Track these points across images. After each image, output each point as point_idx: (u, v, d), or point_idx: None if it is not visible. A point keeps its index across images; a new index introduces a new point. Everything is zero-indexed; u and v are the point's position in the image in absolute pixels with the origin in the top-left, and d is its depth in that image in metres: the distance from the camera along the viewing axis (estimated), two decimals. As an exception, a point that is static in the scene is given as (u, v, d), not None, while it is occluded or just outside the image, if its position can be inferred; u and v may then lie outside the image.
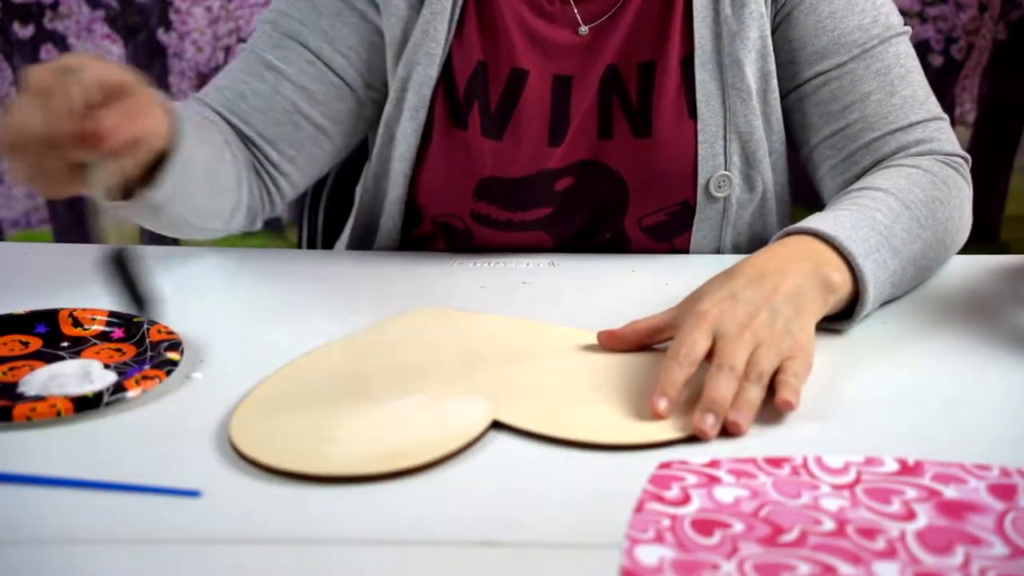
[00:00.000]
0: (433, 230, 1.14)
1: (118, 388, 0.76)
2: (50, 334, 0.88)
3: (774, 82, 1.06)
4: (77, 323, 0.88)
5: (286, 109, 1.07)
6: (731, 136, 1.05)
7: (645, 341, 0.84)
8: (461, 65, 1.06)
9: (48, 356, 0.85)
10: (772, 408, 0.76)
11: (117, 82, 0.73)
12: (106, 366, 0.81)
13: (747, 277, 0.82)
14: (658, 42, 1.05)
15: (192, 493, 0.66)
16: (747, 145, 1.06)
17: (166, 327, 0.86)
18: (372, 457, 0.69)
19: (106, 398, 0.75)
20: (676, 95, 1.05)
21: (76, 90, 0.70)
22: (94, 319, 0.88)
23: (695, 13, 1.04)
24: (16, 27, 2.08)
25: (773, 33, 1.06)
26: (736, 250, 1.11)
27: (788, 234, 0.89)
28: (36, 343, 0.87)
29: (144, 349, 0.84)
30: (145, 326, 0.86)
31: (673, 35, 1.04)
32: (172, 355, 0.81)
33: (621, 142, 1.06)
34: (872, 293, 0.87)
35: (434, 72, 1.06)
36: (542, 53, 1.06)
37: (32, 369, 0.81)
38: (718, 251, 1.10)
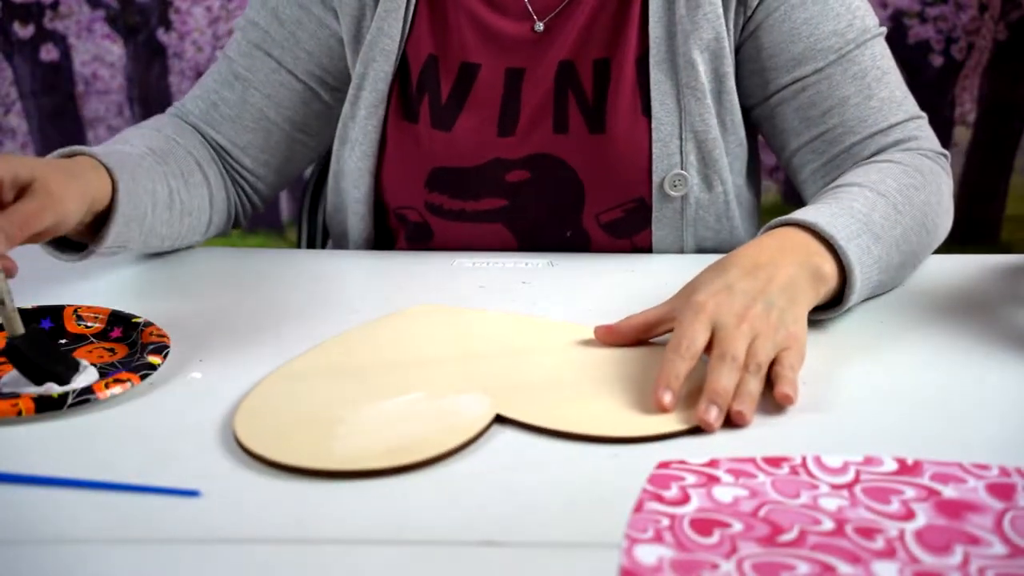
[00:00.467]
0: (396, 224, 1.14)
1: (86, 390, 0.76)
2: (53, 330, 0.88)
3: (730, 83, 1.06)
4: (80, 319, 0.88)
5: (255, 117, 1.11)
6: (687, 135, 1.06)
7: (642, 336, 0.85)
8: (414, 60, 1.08)
9: None
10: (772, 407, 0.76)
11: (23, 179, 0.78)
12: (94, 365, 0.81)
13: (741, 268, 0.83)
14: (613, 39, 1.06)
15: (192, 493, 0.66)
16: (703, 144, 1.07)
17: (159, 329, 0.85)
18: (377, 453, 0.69)
19: (71, 399, 0.75)
20: (631, 93, 1.06)
21: None
22: (96, 317, 0.88)
23: (650, 12, 1.05)
24: (16, 27, 2.08)
25: (746, 40, 1.06)
26: (701, 251, 1.12)
27: (772, 227, 0.91)
28: None
29: (135, 351, 0.84)
30: (140, 327, 0.86)
31: (628, 33, 1.05)
32: (153, 359, 0.80)
33: (576, 137, 1.07)
34: (859, 277, 0.88)
35: (390, 68, 1.08)
36: (494, 46, 1.07)
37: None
38: (681, 251, 1.11)
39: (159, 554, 0.60)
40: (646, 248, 1.11)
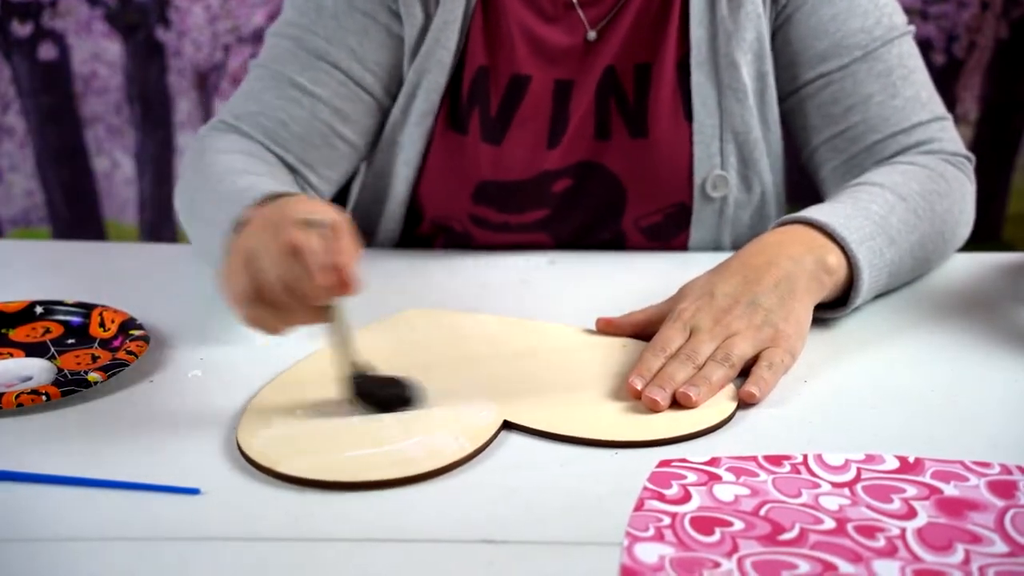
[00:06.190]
0: (433, 231, 1.14)
1: None
2: (81, 327, 0.89)
3: (771, 81, 1.06)
4: (103, 324, 0.88)
5: (323, 133, 1.05)
6: (727, 136, 1.05)
7: (637, 331, 0.87)
8: (467, 71, 1.06)
9: (35, 349, 0.86)
10: (771, 405, 0.76)
11: (331, 222, 0.73)
12: (60, 371, 0.82)
13: (729, 272, 0.85)
14: (654, 44, 1.05)
15: (192, 491, 0.66)
16: (744, 146, 1.06)
17: (136, 346, 0.83)
18: (386, 463, 0.68)
19: None
20: (672, 96, 1.05)
21: (325, 245, 0.71)
22: (112, 322, 0.88)
23: (692, 14, 1.03)
24: (15, 25, 2.08)
25: (774, 35, 1.05)
26: (736, 249, 1.10)
27: (782, 224, 0.91)
28: (57, 331, 0.88)
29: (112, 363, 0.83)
30: (125, 340, 0.85)
31: (669, 36, 1.04)
32: (93, 376, 0.78)
33: (618, 143, 1.06)
34: (867, 280, 0.88)
35: (443, 79, 1.05)
36: (545, 58, 1.05)
37: (10, 357, 0.84)
38: (717, 250, 1.10)
39: (159, 552, 0.60)
40: (681, 250, 1.11)
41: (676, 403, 0.75)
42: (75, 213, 2.23)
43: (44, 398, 0.75)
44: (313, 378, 0.80)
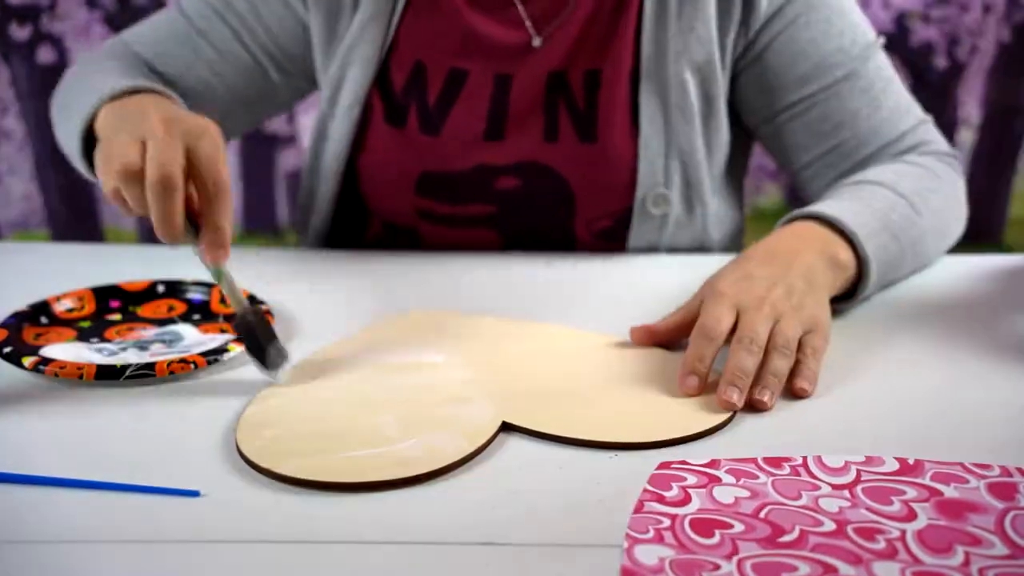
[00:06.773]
0: (382, 231, 1.14)
1: (147, 366, 0.79)
2: (203, 304, 0.94)
3: (719, 105, 1.06)
4: (223, 301, 0.92)
5: (199, 79, 1.09)
6: (672, 154, 1.06)
7: (677, 335, 0.85)
8: (398, 66, 1.07)
9: (165, 325, 0.91)
10: (773, 406, 0.76)
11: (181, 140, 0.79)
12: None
13: (759, 259, 0.85)
14: (604, 51, 1.05)
15: (192, 493, 0.66)
16: (688, 166, 1.07)
17: (270, 319, 0.86)
18: (385, 464, 0.68)
19: (128, 372, 0.78)
20: (622, 105, 1.05)
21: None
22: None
23: (644, 28, 1.04)
24: (14, 28, 2.08)
25: (750, 63, 1.06)
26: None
27: (792, 220, 0.92)
28: (180, 308, 0.93)
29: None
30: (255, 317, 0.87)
31: (621, 46, 1.05)
32: (233, 346, 0.82)
33: (566, 145, 1.07)
34: (875, 274, 0.90)
35: (370, 73, 1.07)
36: (484, 54, 1.06)
37: (147, 328, 0.90)
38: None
39: (159, 554, 0.60)
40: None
41: (686, 408, 0.75)
42: (73, 216, 2.23)
43: (192, 367, 0.80)
44: (312, 379, 0.80)
